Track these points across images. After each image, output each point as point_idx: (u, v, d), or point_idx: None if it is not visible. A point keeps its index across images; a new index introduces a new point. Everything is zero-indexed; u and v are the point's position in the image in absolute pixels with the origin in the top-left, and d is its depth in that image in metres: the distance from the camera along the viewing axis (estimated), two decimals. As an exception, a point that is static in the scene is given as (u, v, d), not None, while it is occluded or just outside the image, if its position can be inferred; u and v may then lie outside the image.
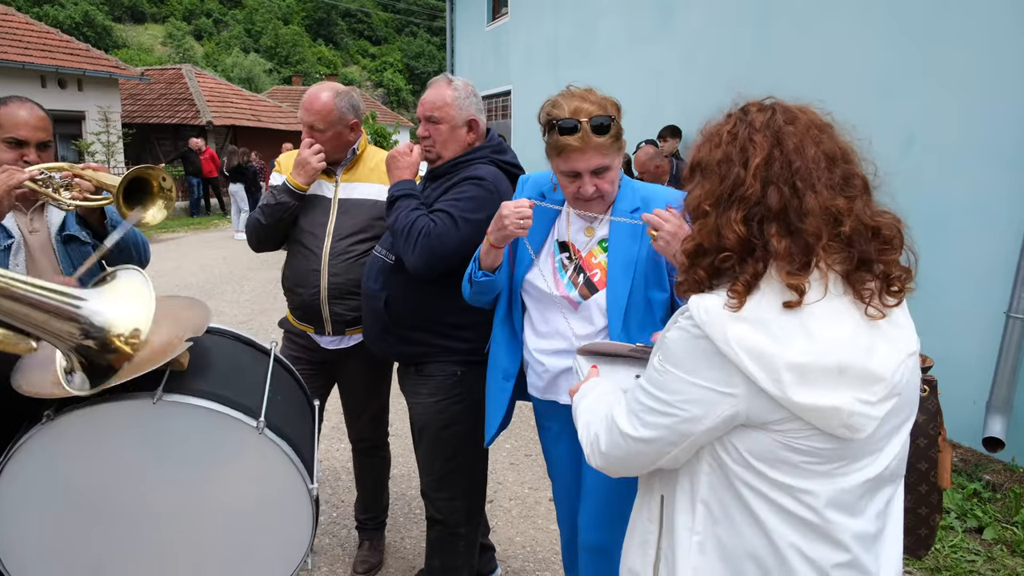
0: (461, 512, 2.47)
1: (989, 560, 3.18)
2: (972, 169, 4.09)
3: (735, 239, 1.09)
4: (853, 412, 1.04)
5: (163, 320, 1.93)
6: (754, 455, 1.10)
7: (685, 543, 1.18)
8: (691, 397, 1.10)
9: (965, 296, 4.14)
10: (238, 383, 1.92)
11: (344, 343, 2.69)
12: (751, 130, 1.14)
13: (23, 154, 2.18)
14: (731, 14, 6.42)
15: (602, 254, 1.94)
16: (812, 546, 1.10)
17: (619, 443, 1.21)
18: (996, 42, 3.93)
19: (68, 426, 1.67)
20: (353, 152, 2.67)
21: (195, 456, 1.75)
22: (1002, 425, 3.82)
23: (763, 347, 1.03)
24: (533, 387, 2.09)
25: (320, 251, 2.58)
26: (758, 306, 1.06)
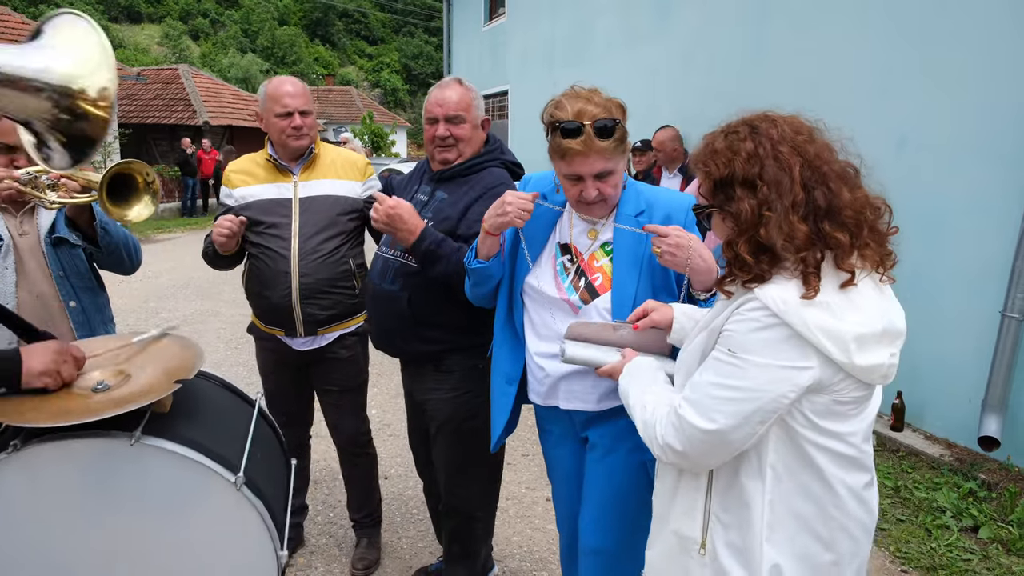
0: (479, 498, 2.52)
1: (985, 559, 3.18)
2: (968, 169, 4.10)
3: (804, 237, 1.25)
4: (890, 364, 1.28)
5: (153, 359, 1.89)
6: (815, 414, 1.29)
7: (759, 504, 1.34)
8: (776, 377, 1.25)
9: (961, 296, 4.15)
10: (219, 433, 1.85)
11: (316, 343, 2.68)
12: (773, 143, 1.30)
13: (13, 159, 2.15)
14: (727, 14, 6.43)
15: (604, 258, 1.92)
16: (852, 475, 1.34)
17: (699, 439, 1.33)
18: (992, 43, 3.95)
19: (35, 457, 1.58)
20: (311, 150, 2.65)
21: (165, 504, 1.67)
22: (997, 424, 3.84)
23: (833, 325, 1.22)
24: (534, 392, 2.07)
25: (288, 252, 2.55)
26: (821, 291, 1.24)
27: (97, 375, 1.80)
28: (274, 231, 2.57)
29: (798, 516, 1.34)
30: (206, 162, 17.16)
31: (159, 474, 1.65)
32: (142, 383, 1.76)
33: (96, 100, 1.27)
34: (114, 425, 1.60)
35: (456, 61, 15.27)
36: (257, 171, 2.67)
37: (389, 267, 2.33)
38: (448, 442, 2.43)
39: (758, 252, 1.28)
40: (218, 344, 6.40)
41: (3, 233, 2.19)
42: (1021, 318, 3.76)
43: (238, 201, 2.65)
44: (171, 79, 21.29)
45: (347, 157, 2.76)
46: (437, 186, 2.35)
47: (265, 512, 1.73)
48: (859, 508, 1.35)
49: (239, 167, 2.73)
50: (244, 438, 1.89)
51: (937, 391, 4.28)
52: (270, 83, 2.63)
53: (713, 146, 1.36)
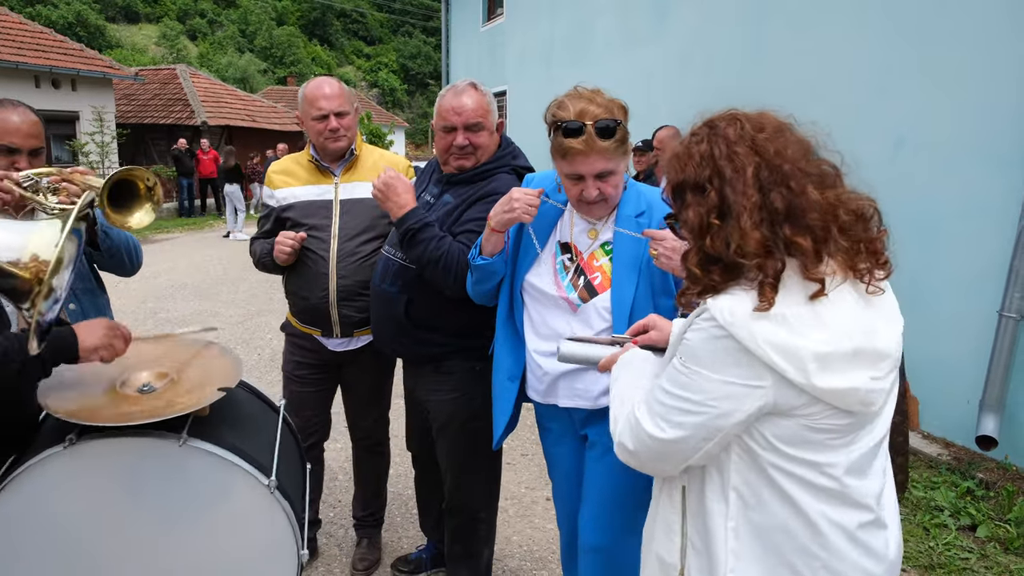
0: (482, 498, 2.53)
1: (982, 558, 3.20)
2: (966, 169, 4.12)
3: (756, 244, 1.13)
4: (869, 390, 1.13)
5: (195, 364, 2.03)
6: (780, 439, 1.17)
7: (720, 531, 1.24)
8: (722, 394, 1.15)
9: (958, 296, 4.16)
10: (253, 437, 1.97)
11: (352, 344, 2.69)
12: (729, 143, 1.20)
13: (14, 161, 2.14)
14: (726, 14, 6.44)
15: (604, 257, 1.93)
16: (838, 512, 1.19)
17: (647, 444, 1.26)
18: (990, 43, 3.96)
19: (88, 452, 1.70)
20: (351, 152, 2.66)
21: (203, 501, 1.80)
22: (995, 423, 3.85)
23: (788, 341, 1.10)
24: (533, 390, 2.09)
25: (327, 254, 2.57)
26: (779, 302, 1.12)
27: (144, 376, 1.95)
28: (314, 232, 2.58)
29: (772, 548, 1.21)
30: (204, 162, 17.14)
31: (201, 474, 1.78)
32: (186, 387, 1.90)
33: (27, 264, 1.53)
34: (161, 425, 1.72)
35: (454, 61, 15.26)
36: (299, 172, 2.68)
37: (389, 268, 2.34)
38: (450, 443, 2.44)
39: (707, 263, 1.19)
40: (217, 344, 6.39)
41: None
42: (1018, 318, 3.78)
43: (280, 202, 2.66)
44: (169, 79, 21.28)
45: (389, 159, 2.77)
46: (446, 189, 2.35)
47: (291, 513, 1.85)
48: (854, 551, 1.20)
49: (281, 168, 2.73)
50: (273, 443, 2.01)
51: (935, 391, 4.29)
52: (308, 85, 2.63)
53: (675, 150, 1.29)
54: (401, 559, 2.95)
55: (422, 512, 2.91)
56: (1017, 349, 3.82)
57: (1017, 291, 3.77)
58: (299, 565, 1.86)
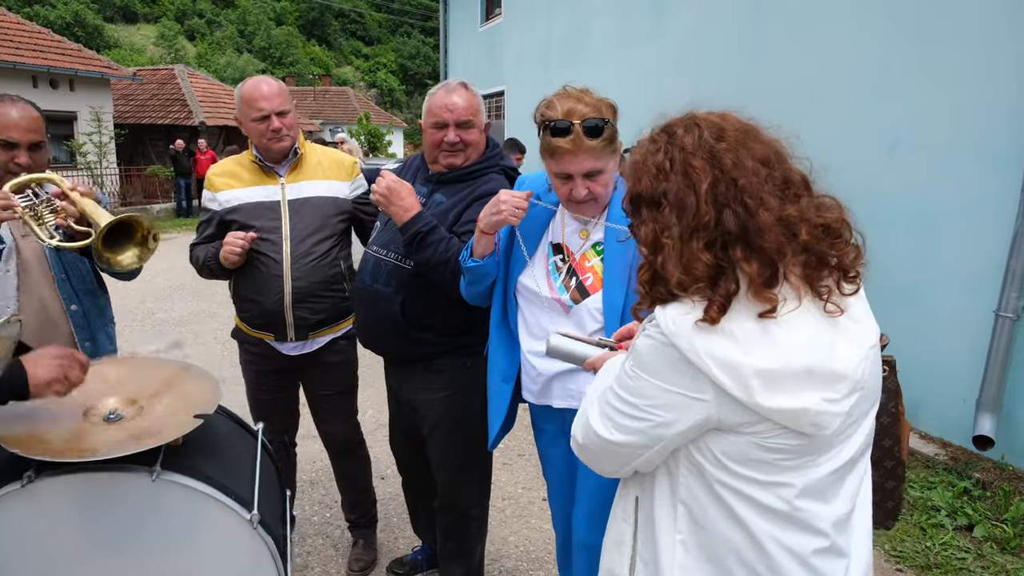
0: (474, 496, 2.52)
1: (979, 557, 3.20)
2: (962, 169, 4.12)
3: (704, 268, 1.08)
4: (820, 411, 1.07)
5: (169, 390, 1.85)
6: (728, 456, 1.12)
7: (668, 543, 1.20)
8: (663, 402, 1.12)
9: (955, 296, 4.16)
10: (231, 467, 1.84)
11: (307, 348, 2.64)
12: (685, 154, 1.13)
13: (14, 156, 2.13)
14: (723, 15, 6.45)
15: (595, 258, 1.93)
16: (789, 535, 1.13)
17: (594, 440, 1.24)
18: (988, 43, 3.96)
19: (49, 490, 1.54)
20: (296, 151, 2.59)
21: (181, 538, 1.67)
22: (992, 423, 3.85)
23: (730, 356, 1.05)
24: (527, 391, 2.09)
25: (280, 257, 2.50)
26: (728, 317, 1.08)
27: (111, 403, 1.78)
28: (264, 235, 2.51)
29: (721, 566, 1.17)
30: (202, 163, 17.13)
31: (176, 509, 1.64)
32: (158, 415, 1.74)
33: None
34: (130, 457, 1.56)
35: (452, 61, 15.27)
36: (242, 173, 2.59)
37: (382, 268, 2.32)
38: (443, 441, 2.43)
39: (654, 280, 1.14)
40: (214, 345, 6.39)
41: (6, 236, 2.17)
42: (1015, 317, 3.78)
43: (223, 205, 2.57)
44: (167, 79, 21.28)
45: (333, 157, 2.72)
46: (436, 188, 2.34)
47: (275, 549, 1.74)
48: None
49: (222, 169, 2.63)
50: (253, 473, 1.88)
51: (932, 391, 4.29)
52: (244, 85, 2.54)
53: (633, 157, 1.22)
54: (397, 561, 2.95)
55: (413, 514, 2.90)
56: (1014, 349, 3.83)
57: (1013, 291, 3.77)
58: None
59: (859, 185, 4.57)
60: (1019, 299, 3.78)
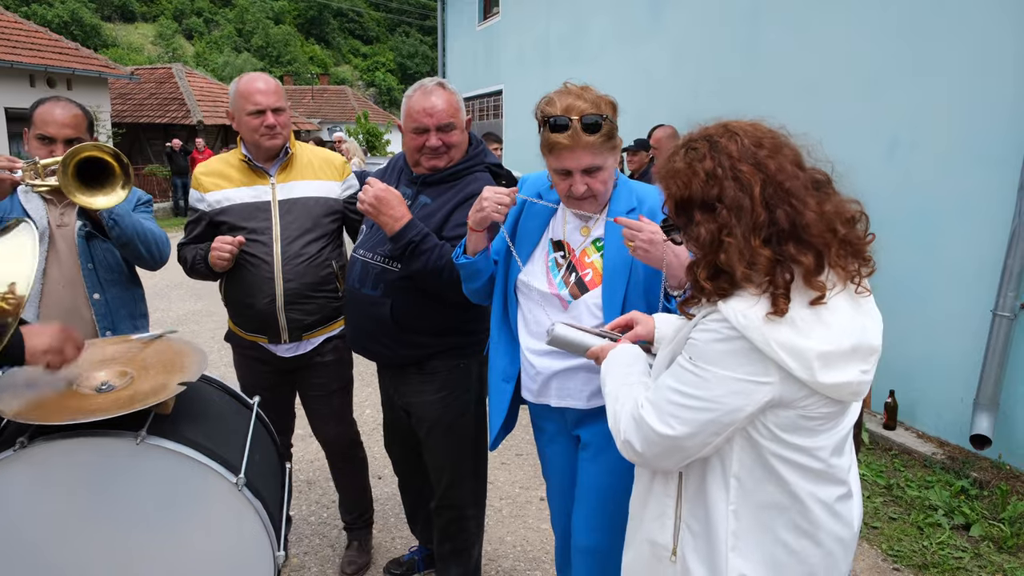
0: (470, 496, 2.52)
1: (976, 557, 3.20)
2: (960, 169, 4.12)
3: (766, 262, 1.20)
4: (860, 382, 1.24)
5: (156, 360, 1.93)
6: (780, 427, 1.26)
7: (722, 513, 1.33)
8: (732, 390, 1.23)
9: (953, 295, 4.17)
10: (221, 435, 1.87)
11: (301, 349, 2.62)
12: (733, 161, 1.25)
13: (51, 150, 2.26)
14: (721, 13, 6.44)
15: (595, 254, 1.93)
16: (822, 488, 1.31)
17: (656, 442, 1.32)
18: (987, 43, 3.96)
19: (41, 455, 1.61)
20: (286, 151, 2.57)
21: (167, 502, 1.70)
22: (989, 423, 3.86)
23: (795, 342, 1.19)
24: (527, 389, 2.08)
25: (271, 258, 2.47)
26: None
27: (102, 375, 1.84)
28: (254, 236, 2.47)
29: (766, 527, 1.32)
30: (199, 161, 17.10)
31: (162, 473, 1.69)
32: (146, 384, 1.79)
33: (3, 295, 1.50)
34: (119, 425, 1.63)
35: (450, 60, 15.26)
36: (231, 173, 2.55)
37: (369, 272, 2.30)
38: (440, 443, 2.43)
39: (716, 275, 1.25)
40: (212, 344, 6.38)
41: (41, 222, 2.29)
42: (1012, 317, 3.78)
43: (212, 206, 2.54)
44: (165, 78, 21.26)
45: (324, 156, 2.69)
46: (421, 190, 2.32)
47: (264, 512, 1.76)
48: (833, 521, 1.33)
49: (210, 169, 2.59)
50: (244, 440, 1.92)
51: (929, 390, 4.30)
52: (241, 79, 2.52)
53: (673, 164, 1.31)
54: (394, 561, 2.94)
55: (410, 515, 2.90)
56: (1011, 348, 3.83)
57: (1011, 290, 3.77)
58: (275, 567, 1.78)
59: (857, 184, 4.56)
60: (1016, 298, 3.78)
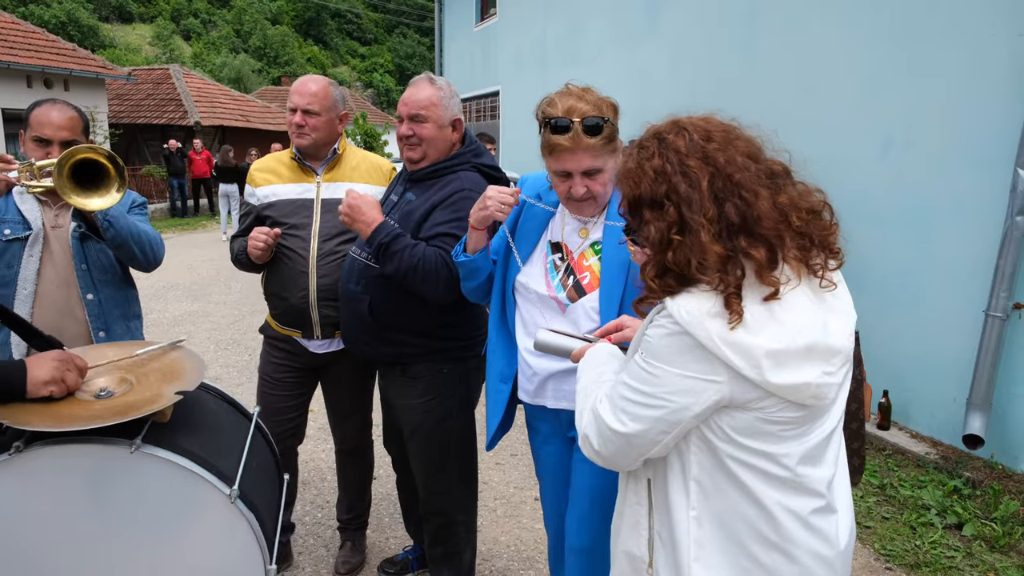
0: (458, 500, 2.52)
1: (968, 556, 3.21)
2: (953, 169, 4.14)
3: (716, 259, 1.16)
4: (820, 384, 1.17)
5: (156, 368, 1.92)
6: (737, 431, 1.21)
7: (683, 520, 1.28)
8: (680, 388, 1.19)
9: (945, 295, 4.18)
10: (217, 445, 1.86)
11: (333, 346, 2.66)
12: (679, 156, 1.21)
13: (48, 152, 2.28)
14: (718, 14, 6.46)
15: (594, 256, 1.93)
16: (791, 499, 1.24)
17: (611, 439, 1.29)
18: (979, 43, 3.98)
19: (36, 460, 1.59)
20: (334, 152, 2.64)
21: (160, 512, 1.69)
22: (982, 422, 3.87)
23: (742, 339, 1.13)
24: (523, 390, 2.09)
25: (307, 253, 2.54)
26: None
27: (101, 382, 1.83)
28: (294, 232, 2.56)
29: (732, 536, 1.26)
30: (197, 162, 17.09)
31: (156, 483, 1.67)
32: (145, 392, 1.78)
33: None
34: (115, 432, 1.62)
35: (448, 61, 15.26)
36: (281, 170, 2.66)
37: (355, 268, 2.33)
38: (422, 447, 2.44)
39: (664, 274, 1.22)
40: (208, 345, 6.39)
41: (35, 223, 2.31)
42: (1004, 317, 3.80)
43: (261, 200, 2.64)
44: (162, 79, 21.24)
45: (372, 161, 2.75)
46: (409, 187, 2.36)
47: (256, 525, 1.75)
48: (807, 535, 1.25)
49: (264, 165, 2.71)
50: (240, 451, 1.90)
51: (922, 390, 4.32)
52: (298, 79, 2.66)
53: (626, 165, 1.29)
54: (388, 560, 2.95)
55: (406, 514, 2.91)
56: (1003, 348, 3.85)
57: (1003, 291, 3.79)
58: None
59: (852, 184, 4.58)
60: (1008, 299, 3.80)
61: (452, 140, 2.34)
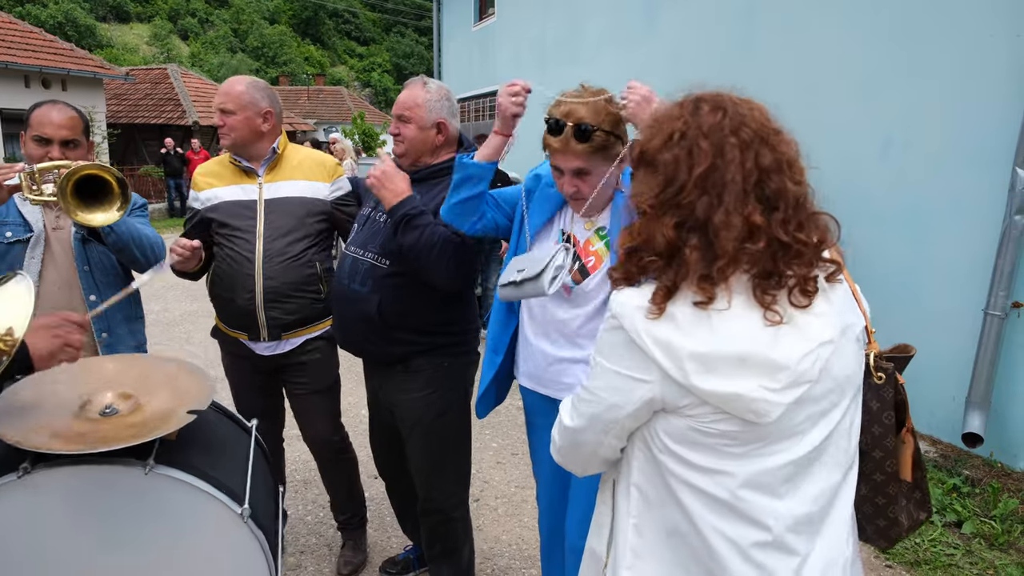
0: (454, 498, 2.52)
1: (968, 554, 3.23)
2: (952, 169, 4.15)
3: (664, 243, 1.11)
4: (755, 398, 1.08)
5: (163, 386, 1.90)
6: (672, 438, 1.16)
7: (624, 525, 1.25)
8: (612, 384, 1.17)
9: (944, 294, 4.20)
10: (224, 462, 1.86)
11: (280, 348, 2.63)
12: (699, 134, 1.12)
13: (48, 151, 2.28)
14: (716, 14, 6.48)
15: (599, 242, 1.98)
16: (730, 525, 1.14)
17: (563, 434, 1.29)
18: (978, 43, 3.99)
19: (44, 482, 1.57)
20: (274, 151, 2.60)
21: (172, 532, 1.68)
22: (980, 421, 3.88)
23: (668, 337, 1.10)
24: (526, 375, 2.13)
25: (252, 255, 2.51)
26: (672, 301, 1.12)
27: (107, 397, 1.81)
28: (239, 234, 2.52)
29: (673, 553, 1.19)
30: (195, 162, 17.06)
31: (168, 503, 1.66)
32: (153, 410, 1.77)
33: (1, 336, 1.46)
34: (124, 451, 1.59)
35: (446, 61, 15.24)
36: (223, 172, 2.62)
37: (359, 268, 2.33)
38: (422, 442, 2.44)
39: (630, 252, 1.17)
40: (208, 344, 6.37)
41: (36, 225, 2.32)
42: (1003, 316, 3.81)
43: (204, 204, 2.61)
44: (160, 79, 21.21)
45: (315, 158, 2.72)
46: (413, 187, 2.35)
47: (266, 543, 1.76)
48: (747, 568, 1.13)
49: (206, 169, 2.68)
50: (245, 468, 1.90)
51: (921, 388, 4.30)
52: None
53: (657, 112, 1.23)
54: (389, 560, 2.95)
55: (400, 516, 2.90)
56: (1002, 346, 3.86)
57: (1002, 289, 3.80)
58: None
59: (851, 184, 4.60)
60: (1007, 297, 3.81)
61: (435, 142, 2.33)
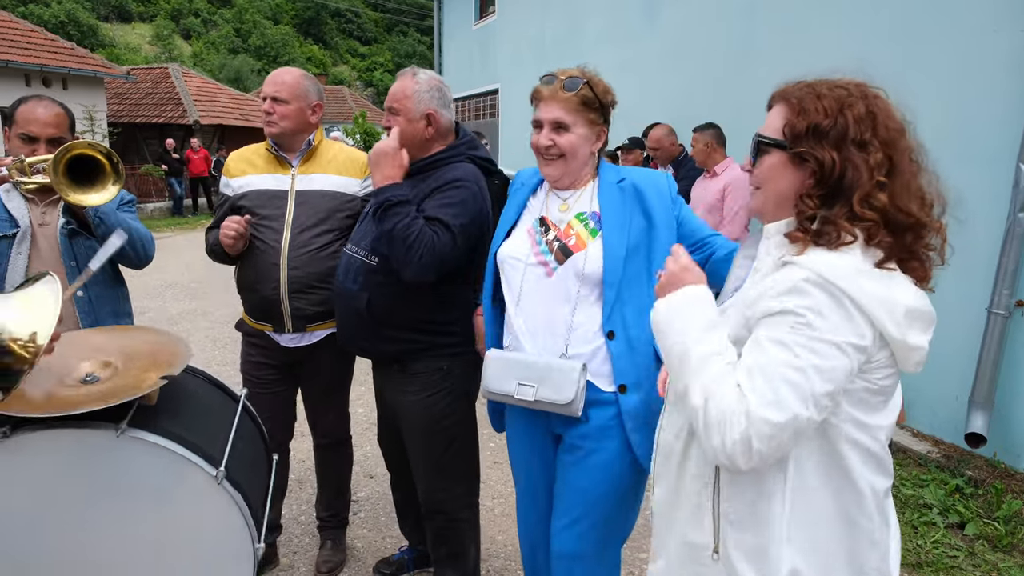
0: (462, 499, 2.49)
1: (971, 555, 3.19)
2: (955, 167, 4.08)
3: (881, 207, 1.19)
4: (926, 349, 1.19)
5: (141, 352, 1.94)
6: (848, 400, 1.18)
7: (778, 498, 1.21)
8: (840, 354, 1.13)
9: (947, 293, 4.12)
10: (204, 427, 1.89)
11: (305, 340, 2.62)
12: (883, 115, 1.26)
13: (34, 149, 2.27)
14: (715, 11, 6.44)
15: (579, 225, 1.96)
16: (878, 479, 1.23)
17: (772, 436, 1.12)
18: (981, 39, 3.95)
19: (22, 445, 1.62)
20: (309, 143, 2.62)
21: (147, 495, 1.71)
22: (984, 421, 3.84)
23: (887, 295, 1.13)
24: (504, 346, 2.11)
25: (279, 245, 2.51)
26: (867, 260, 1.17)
27: (87, 367, 1.86)
28: (267, 223, 2.53)
29: (824, 517, 1.20)
30: (195, 161, 17.07)
31: (142, 466, 1.69)
32: (130, 376, 1.81)
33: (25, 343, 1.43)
34: (101, 416, 1.64)
35: (447, 60, 15.23)
36: (257, 161, 2.64)
37: (351, 265, 2.31)
38: (422, 445, 2.41)
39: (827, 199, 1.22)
40: (206, 343, 6.36)
41: (22, 220, 2.30)
42: (1007, 315, 3.77)
43: (236, 191, 2.62)
44: (161, 78, 21.20)
45: (349, 154, 2.72)
46: (407, 177, 2.32)
47: (244, 505, 1.77)
48: (879, 518, 1.22)
49: (240, 156, 2.70)
50: (227, 433, 1.92)
51: (924, 388, 4.28)
52: None
53: (817, 90, 1.32)
54: (383, 561, 2.92)
55: (400, 514, 2.87)
56: (1006, 346, 3.82)
57: (1005, 288, 3.76)
58: (255, 559, 1.78)
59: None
60: (1011, 296, 3.77)
61: (424, 135, 2.29)
